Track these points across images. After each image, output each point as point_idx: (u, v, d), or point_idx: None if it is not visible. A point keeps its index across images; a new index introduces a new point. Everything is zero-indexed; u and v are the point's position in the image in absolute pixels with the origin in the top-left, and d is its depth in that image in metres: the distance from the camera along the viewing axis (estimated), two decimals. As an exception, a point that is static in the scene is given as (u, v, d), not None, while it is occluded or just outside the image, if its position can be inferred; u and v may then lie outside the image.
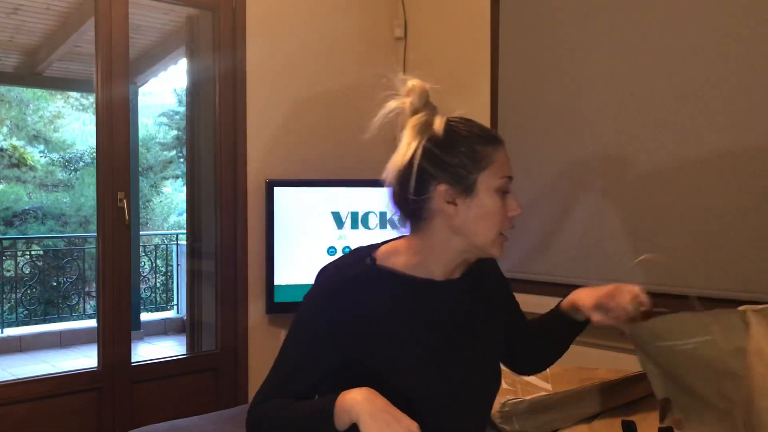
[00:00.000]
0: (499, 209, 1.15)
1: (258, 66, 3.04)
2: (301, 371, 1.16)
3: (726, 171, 2.26)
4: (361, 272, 1.17)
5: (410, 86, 1.17)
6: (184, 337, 4.34)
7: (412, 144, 1.14)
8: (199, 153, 3.44)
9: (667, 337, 1.23)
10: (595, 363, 2.39)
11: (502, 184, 1.15)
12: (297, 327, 1.18)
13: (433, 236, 1.17)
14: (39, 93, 8.75)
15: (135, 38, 4.27)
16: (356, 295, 1.14)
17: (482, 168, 1.13)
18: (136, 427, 1.84)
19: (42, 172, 9.05)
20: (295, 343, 1.17)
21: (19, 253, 7.02)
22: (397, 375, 1.14)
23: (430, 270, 1.19)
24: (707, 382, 1.20)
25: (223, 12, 2.99)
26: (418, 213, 1.17)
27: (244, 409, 2.01)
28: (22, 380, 2.62)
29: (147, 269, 7.27)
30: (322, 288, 1.17)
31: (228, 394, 3.00)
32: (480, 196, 1.14)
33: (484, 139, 1.15)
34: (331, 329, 1.13)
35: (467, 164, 1.13)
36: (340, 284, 1.16)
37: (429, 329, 1.18)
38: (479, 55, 3.08)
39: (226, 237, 3.02)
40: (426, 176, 1.14)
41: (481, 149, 1.14)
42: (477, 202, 1.14)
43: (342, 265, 1.20)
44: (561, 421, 1.70)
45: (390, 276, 1.17)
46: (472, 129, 1.16)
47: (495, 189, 1.14)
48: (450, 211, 1.14)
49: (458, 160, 1.13)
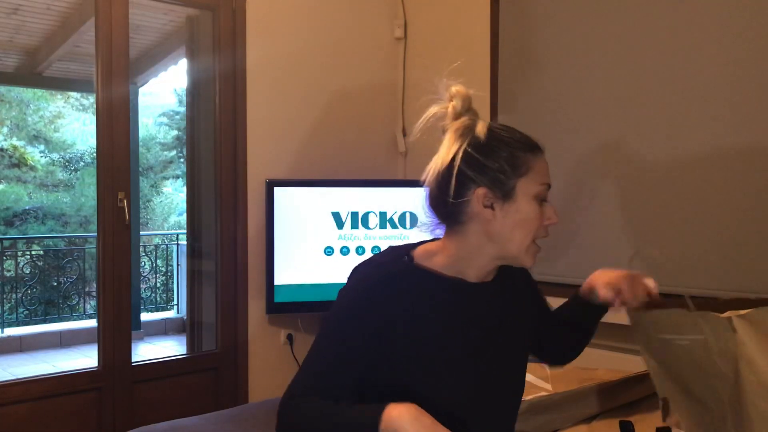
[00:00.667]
0: (537, 216, 1.16)
1: (258, 66, 3.04)
2: (340, 368, 1.14)
3: (729, 170, 2.26)
4: (400, 270, 1.17)
5: (454, 91, 1.19)
6: (184, 337, 4.34)
7: (453, 147, 1.15)
8: (199, 153, 3.44)
9: (667, 331, 1.24)
10: (595, 363, 2.38)
11: (541, 191, 1.16)
12: (335, 323, 1.17)
13: (468, 241, 1.18)
14: (39, 93, 8.75)
15: (135, 38, 4.27)
16: (396, 292, 1.15)
17: (522, 174, 1.15)
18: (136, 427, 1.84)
19: (42, 172, 9.05)
20: (333, 340, 1.16)
21: (19, 253, 7.02)
22: (430, 376, 1.15)
23: (465, 273, 1.20)
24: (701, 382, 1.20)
25: (223, 12, 2.99)
26: (456, 216, 1.17)
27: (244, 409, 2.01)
28: (22, 380, 2.61)
29: (147, 269, 7.27)
30: (361, 285, 1.17)
31: (228, 394, 3.00)
32: (518, 202, 1.15)
33: (524, 145, 1.18)
34: (372, 327, 1.13)
35: (507, 170, 1.14)
36: (381, 281, 1.16)
37: (463, 331, 1.19)
38: (479, 55, 3.08)
39: (226, 237, 3.02)
40: (465, 179, 1.15)
41: (521, 155, 1.16)
42: (515, 208, 1.15)
43: (380, 263, 1.20)
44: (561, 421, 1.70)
45: (428, 276, 1.18)
46: (514, 135, 1.19)
47: (533, 196, 1.15)
48: (487, 215, 1.15)
49: (498, 165, 1.14)
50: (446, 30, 3.26)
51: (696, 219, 2.32)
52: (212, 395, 2.97)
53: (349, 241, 2.99)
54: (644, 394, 1.77)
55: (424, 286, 1.17)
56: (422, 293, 1.16)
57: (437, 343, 1.16)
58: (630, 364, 2.35)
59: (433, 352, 1.15)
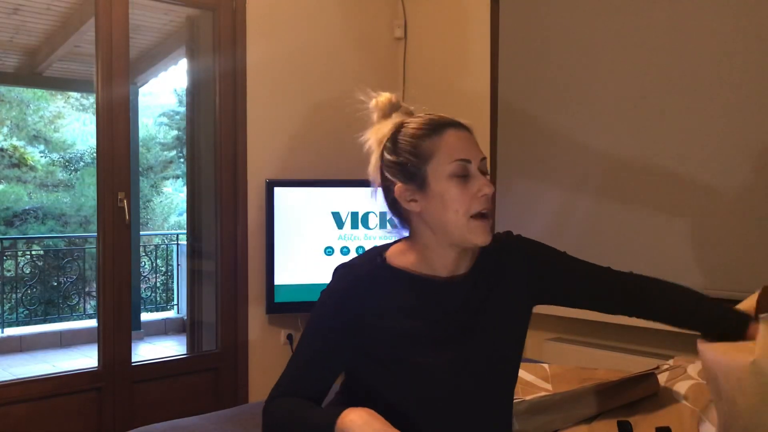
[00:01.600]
0: (459, 194, 1.14)
1: (258, 66, 3.04)
2: (315, 366, 1.20)
3: (728, 170, 2.26)
4: (372, 270, 1.21)
5: (373, 103, 1.26)
6: (184, 337, 4.35)
7: (375, 155, 1.22)
8: (199, 153, 3.44)
9: None
10: (595, 363, 2.38)
11: (455, 169, 1.15)
12: (312, 323, 1.22)
13: (419, 236, 1.21)
14: (39, 93, 8.75)
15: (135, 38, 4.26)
16: (367, 291, 1.18)
17: (428, 159, 1.16)
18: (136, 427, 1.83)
19: (42, 172, 9.05)
20: (310, 339, 1.21)
21: (19, 253, 7.02)
22: (405, 370, 1.17)
23: (435, 268, 1.21)
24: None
25: (223, 12, 2.99)
26: (402, 216, 1.23)
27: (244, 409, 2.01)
28: (22, 380, 2.62)
29: (147, 269, 7.27)
30: (335, 285, 1.22)
31: (228, 394, 3.00)
32: (434, 187, 1.15)
33: (427, 130, 1.18)
34: (344, 324, 1.18)
35: (412, 160, 1.16)
36: (352, 281, 1.20)
37: (434, 326, 1.19)
38: (479, 56, 3.08)
39: (226, 237, 3.02)
40: (388, 182, 1.20)
41: (423, 141, 1.17)
42: (433, 193, 1.15)
43: (354, 264, 1.24)
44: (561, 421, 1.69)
45: (398, 274, 1.21)
46: (419, 124, 1.19)
47: (448, 175, 1.15)
48: (415, 208, 1.17)
49: (404, 158, 1.17)
50: (446, 30, 3.26)
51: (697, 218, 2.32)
52: (212, 395, 2.98)
53: (349, 241, 2.99)
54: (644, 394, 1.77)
55: (394, 284, 1.20)
56: (392, 291, 1.19)
57: (409, 339, 1.18)
58: (630, 364, 2.35)
59: (405, 347, 1.17)
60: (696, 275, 2.32)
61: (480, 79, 3.06)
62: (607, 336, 2.70)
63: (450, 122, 1.19)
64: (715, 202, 2.28)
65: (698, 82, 2.31)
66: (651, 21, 2.45)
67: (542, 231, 2.78)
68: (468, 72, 3.15)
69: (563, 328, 2.86)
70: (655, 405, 1.72)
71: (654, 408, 1.71)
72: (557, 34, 2.75)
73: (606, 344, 2.68)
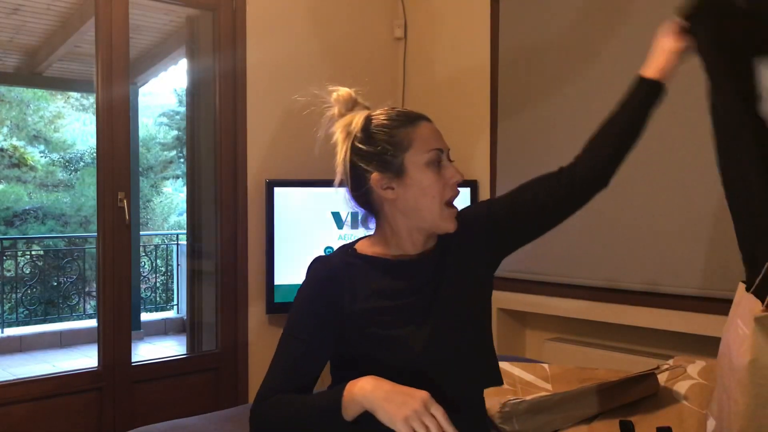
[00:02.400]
0: (435, 181, 1.21)
1: (258, 66, 3.04)
2: (300, 360, 1.22)
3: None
4: (345, 259, 1.28)
5: (335, 96, 1.30)
6: (184, 337, 4.35)
7: (343, 146, 1.26)
8: (199, 153, 3.44)
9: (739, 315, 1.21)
10: (595, 363, 2.39)
11: (432, 157, 1.22)
12: (293, 317, 1.25)
13: (391, 223, 1.26)
14: (39, 93, 8.75)
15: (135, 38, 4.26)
16: (342, 278, 1.24)
17: (405, 148, 1.21)
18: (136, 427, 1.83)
19: (42, 172, 9.05)
20: (291, 334, 1.24)
21: (19, 253, 7.02)
22: (385, 346, 1.20)
23: (404, 249, 1.27)
24: None
25: (223, 12, 2.99)
26: (372, 206, 1.27)
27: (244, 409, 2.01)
28: (22, 380, 2.62)
29: (147, 269, 7.27)
30: (311, 276, 1.27)
31: (228, 394, 3.00)
32: (411, 175, 1.21)
33: (402, 121, 1.24)
34: (325, 312, 1.22)
35: (389, 149, 1.22)
36: (327, 271, 1.25)
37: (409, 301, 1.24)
38: (479, 55, 3.08)
39: (226, 237, 3.02)
40: (361, 171, 1.24)
41: (400, 131, 1.22)
42: (410, 181, 1.21)
43: (327, 256, 1.31)
44: (561, 421, 1.70)
45: (369, 260, 1.27)
46: (390, 115, 1.25)
47: (425, 164, 1.21)
48: (390, 195, 1.23)
49: (381, 148, 1.22)
50: (446, 30, 3.26)
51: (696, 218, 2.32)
52: (212, 395, 2.98)
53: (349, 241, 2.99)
54: (644, 394, 1.77)
55: (366, 270, 1.25)
56: (366, 277, 1.24)
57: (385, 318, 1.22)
58: (630, 364, 2.35)
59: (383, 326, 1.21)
60: (695, 275, 2.31)
61: (480, 79, 3.06)
62: (607, 336, 2.70)
63: (420, 115, 1.27)
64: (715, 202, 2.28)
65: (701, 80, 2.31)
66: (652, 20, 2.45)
67: (542, 231, 2.79)
68: (468, 72, 3.14)
69: (563, 328, 2.86)
70: (655, 405, 1.72)
71: (654, 408, 1.71)
72: (557, 34, 2.75)
73: (606, 344, 2.69)
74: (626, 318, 2.52)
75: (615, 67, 2.55)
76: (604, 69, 2.58)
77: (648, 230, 2.45)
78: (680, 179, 2.37)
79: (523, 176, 1.32)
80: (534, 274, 2.81)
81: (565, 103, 2.71)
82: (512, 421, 1.69)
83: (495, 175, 2.95)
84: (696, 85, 1.49)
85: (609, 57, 2.57)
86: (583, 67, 2.65)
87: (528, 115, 2.85)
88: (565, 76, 2.71)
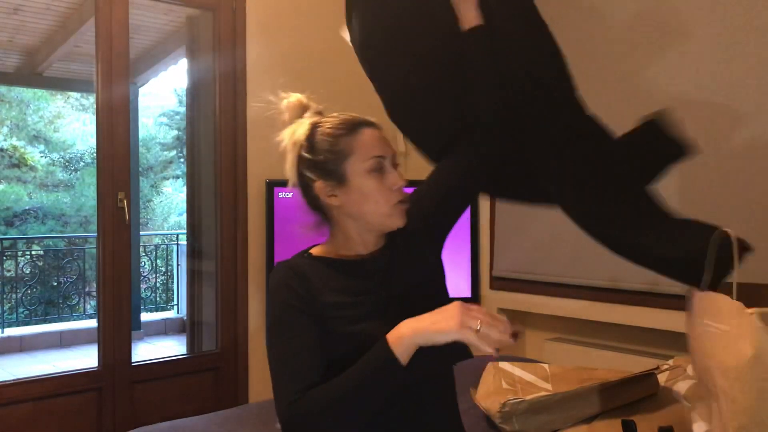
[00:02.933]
0: (377, 188, 1.23)
1: (258, 66, 3.04)
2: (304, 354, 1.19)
3: (725, 170, 2.26)
4: (301, 262, 1.30)
5: (285, 104, 1.35)
6: (184, 337, 4.35)
7: (290, 156, 1.30)
8: (199, 153, 3.45)
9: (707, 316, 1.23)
10: (595, 363, 2.39)
11: (372, 165, 1.23)
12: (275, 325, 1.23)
13: (341, 227, 1.29)
14: (39, 93, 8.76)
15: (135, 38, 4.27)
16: (302, 278, 1.25)
17: (346, 156, 1.24)
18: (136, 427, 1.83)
19: (42, 172, 9.06)
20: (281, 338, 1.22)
21: (19, 253, 7.02)
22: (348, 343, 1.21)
23: (356, 250, 1.30)
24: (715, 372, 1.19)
25: (223, 12, 2.99)
26: (322, 212, 1.31)
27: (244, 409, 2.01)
28: (22, 380, 2.62)
29: (147, 269, 7.27)
30: (276, 277, 1.27)
31: (228, 394, 3.00)
32: (353, 182, 1.24)
33: (344, 129, 1.25)
34: (300, 301, 1.22)
35: (331, 158, 1.24)
36: (289, 270, 1.26)
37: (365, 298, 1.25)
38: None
39: (226, 237, 3.02)
40: (307, 180, 1.27)
41: (341, 140, 1.24)
42: (353, 188, 1.24)
43: (285, 261, 1.32)
44: (561, 421, 1.70)
45: (325, 261, 1.29)
46: (333, 123, 1.27)
47: (366, 171, 1.23)
48: (335, 202, 1.26)
49: (323, 157, 1.25)
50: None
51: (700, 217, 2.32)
52: (212, 395, 2.98)
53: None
54: (644, 394, 1.77)
55: (322, 271, 1.27)
56: (323, 277, 1.26)
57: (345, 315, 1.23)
58: (630, 364, 2.35)
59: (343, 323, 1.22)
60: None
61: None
62: (607, 336, 2.70)
63: (364, 121, 1.27)
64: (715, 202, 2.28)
65: (700, 80, 2.31)
66: (652, 21, 2.45)
67: (542, 232, 2.78)
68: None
69: (563, 328, 2.86)
70: (655, 405, 1.72)
71: (654, 408, 1.71)
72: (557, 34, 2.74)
73: (606, 344, 2.69)
74: (626, 318, 2.52)
75: (615, 67, 2.55)
76: (604, 68, 2.58)
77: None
78: (680, 179, 2.37)
79: (523, 176, 1.33)
80: (534, 274, 2.81)
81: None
82: (512, 421, 1.69)
83: (495, 175, 2.95)
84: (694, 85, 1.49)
85: (610, 57, 2.57)
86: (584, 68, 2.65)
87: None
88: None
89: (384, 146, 1.26)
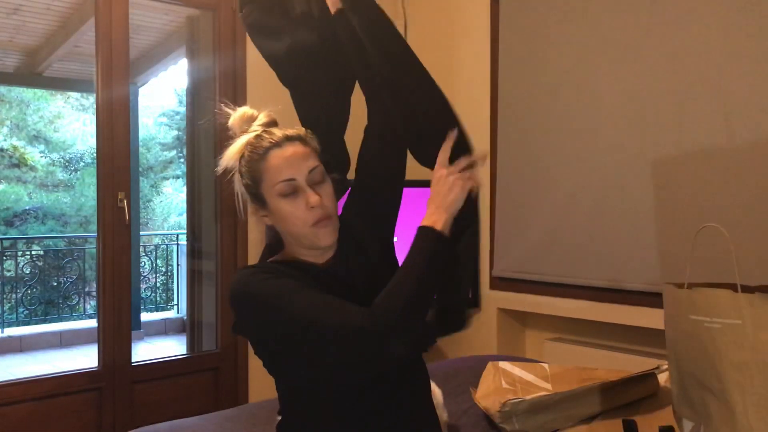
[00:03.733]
0: (290, 212, 1.21)
1: (258, 66, 3.04)
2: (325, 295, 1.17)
3: (724, 169, 2.25)
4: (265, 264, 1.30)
5: (230, 122, 1.31)
6: (184, 337, 4.35)
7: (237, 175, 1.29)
8: (199, 153, 3.45)
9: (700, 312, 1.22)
10: (595, 363, 2.39)
11: (282, 189, 1.21)
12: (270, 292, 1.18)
13: (287, 242, 1.30)
14: (39, 93, 8.76)
15: (135, 38, 4.27)
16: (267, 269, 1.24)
17: (259, 181, 1.23)
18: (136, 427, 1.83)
19: (42, 172, 9.05)
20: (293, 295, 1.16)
21: (19, 253, 7.02)
22: None
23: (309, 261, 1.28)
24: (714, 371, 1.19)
25: (223, 12, 2.99)
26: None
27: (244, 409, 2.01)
28: (22, 380, 2.62)
29: (147, 269, 7.27)
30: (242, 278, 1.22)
31: (228, 394, 3.00)
32: (271, 205, 1.23)
33: (255, 155, 1.23)
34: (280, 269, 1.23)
35: (251, 183, 1.24)
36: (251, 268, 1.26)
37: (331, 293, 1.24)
38: (479, 56, 3.08)
39: (226, 237, 3.02)
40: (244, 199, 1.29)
41: (255, 165, 1.23)
42: (273, 210, 1.23)
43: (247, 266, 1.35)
44: (561, 421, 1.70)
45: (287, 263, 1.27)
46: (252, 147, 1.24)
47: (277, 195, 1.21)
48: (267, 222, 1.27)
49: (246, 181, 1.25)
50: (446, 31, 3.26)
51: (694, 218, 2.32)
52: (212, 395, 2.98)
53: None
54: (644, 394, 1.77)
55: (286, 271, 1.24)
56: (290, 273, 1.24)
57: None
58: (630, 364, 2.35)
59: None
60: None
61: (480, 80, 3.06)
62: (607, 336, 2.70)
63: (272, 144, 1.22)
64: (716, 202, 2.28)
65: (700, 80, 2.31)
66: (652, 21, 2.44)
67: (542, 232, 2.78)
68: (468, 72, 3.14)
69: (563, 328, 2.86)
70: (655, 405, 1.72)
71: (654, 408, 1.71)
72: (557, 34, 2.75)
73: (606, 344, 2.69)
74: (626, 318, 2.52)
75: (615, 67, 2.54)
76: (604, 68, 2.58)
77: (648, 230, 2.45)
78: (680, 179, 2.37)
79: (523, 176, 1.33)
80: (534, 274, 2.81)
81: (565, 104, 2.71)
82: (512, 421, 1.69)
83: (495, 176, 2.95)
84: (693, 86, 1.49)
85: (610, 58, 2.57)
86: (584, 68, 2.65)
87: (528, 116, 2.85)
88: (566, 78, 2.71)
89: (294, 166, 1.20)
